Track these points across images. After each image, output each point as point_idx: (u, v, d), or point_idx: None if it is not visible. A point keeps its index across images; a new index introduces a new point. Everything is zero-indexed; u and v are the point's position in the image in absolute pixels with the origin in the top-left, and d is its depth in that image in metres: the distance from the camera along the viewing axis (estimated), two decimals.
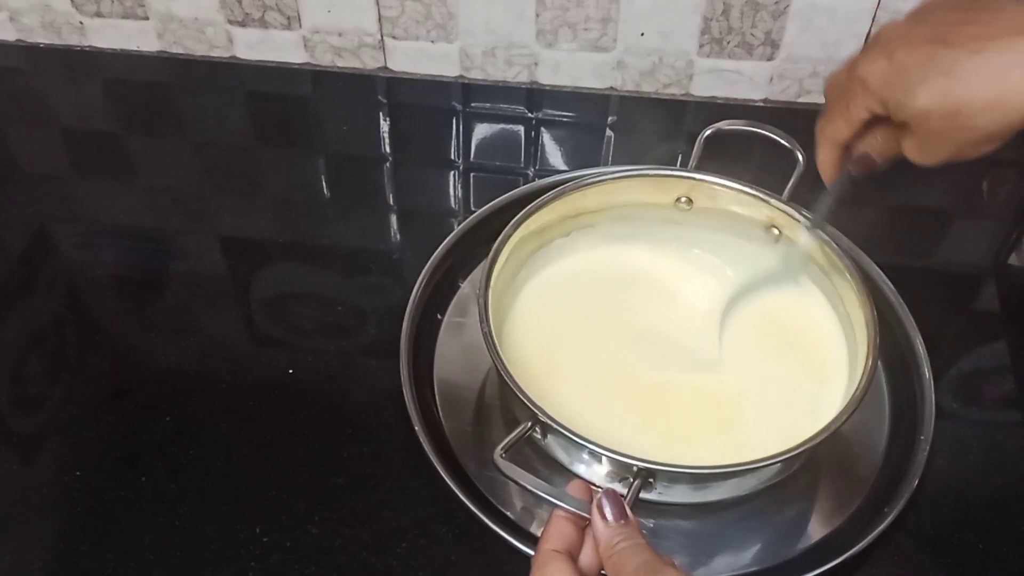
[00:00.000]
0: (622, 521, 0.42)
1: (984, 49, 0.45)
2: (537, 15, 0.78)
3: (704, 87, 0.82)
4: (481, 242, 0.66)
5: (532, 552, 0.51)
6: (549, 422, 0.50)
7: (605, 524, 0.42)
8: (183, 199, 0.76)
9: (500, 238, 0.59)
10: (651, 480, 0.50)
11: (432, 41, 0.82)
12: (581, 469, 0.54)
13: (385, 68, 0.85)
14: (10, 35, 0.88)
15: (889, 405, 0.61)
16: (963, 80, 0.45)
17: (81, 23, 0.86)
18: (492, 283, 0.57)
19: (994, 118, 0.45)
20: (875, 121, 0.50)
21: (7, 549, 0.54)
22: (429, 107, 0.84)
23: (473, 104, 0.84)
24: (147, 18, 0.85)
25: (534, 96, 0.84)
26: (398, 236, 0.74)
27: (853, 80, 0.49)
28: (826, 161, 0.54)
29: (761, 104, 0.83)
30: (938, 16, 0.47)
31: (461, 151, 0.80)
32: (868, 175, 0.53)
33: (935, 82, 0.46)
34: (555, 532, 0.43)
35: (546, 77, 0.84)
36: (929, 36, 0.46)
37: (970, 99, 0.45)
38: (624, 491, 0.48)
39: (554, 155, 0.79)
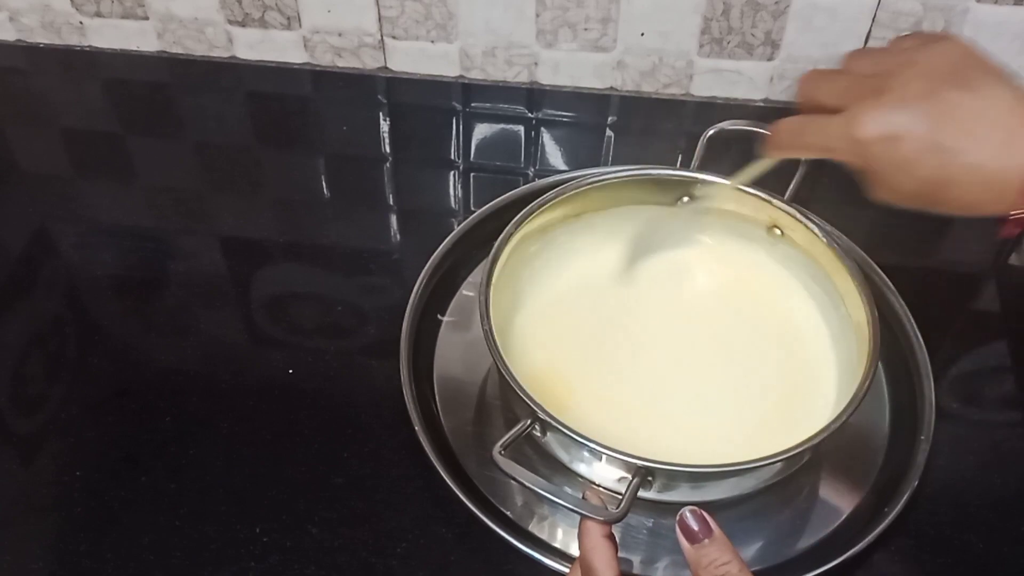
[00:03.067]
0: (707, 539, 0.43)
1: (976, 149, 0.45)
2: (537, 15, 0.78)
3: (704, 87, 0.82)
4: (481, 242, 0.66)
5: (532, 552, 0.52)
6: (548, 419, 0.50)
7: (696, 545, 0.43)
8: (183, 199, 0.76)
9: (502, 236, 0.59)
10: (650, 479, 0.50)
11: (432, 41, 0.82)
12: (581, 467, 0.54)
13: (385, 68, 0.86)
14: (10, 35, 0.88)
15: (889, 405, 0.61)
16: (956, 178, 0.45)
17: (81, 23, 0.86)
18: (493, 281, 0.57)
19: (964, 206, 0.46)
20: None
21: (7, 549, 0.54)
22: (429, 107, 0.84)
23: (473, 104, 0.84)
24: (147, 18, 0.85)
25: (534, 96, 0.84)
26: (398, 236, 0.74)
27: (846, 136, 0.47)
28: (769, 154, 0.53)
29: (761, 104, 0.83)
30: (940, 87, 0.46)
31: (461, 151, 0.80)
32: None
33: (930, 174, 0.46)
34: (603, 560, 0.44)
35: (546, 77, 0.84)
36: (933, 117, 0.46)
37: (954, 196, 0.46)
38: (623, 489, 0.48)
39: (554, 155, 0.79)
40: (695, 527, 0.43)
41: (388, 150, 0.81)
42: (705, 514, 0.44)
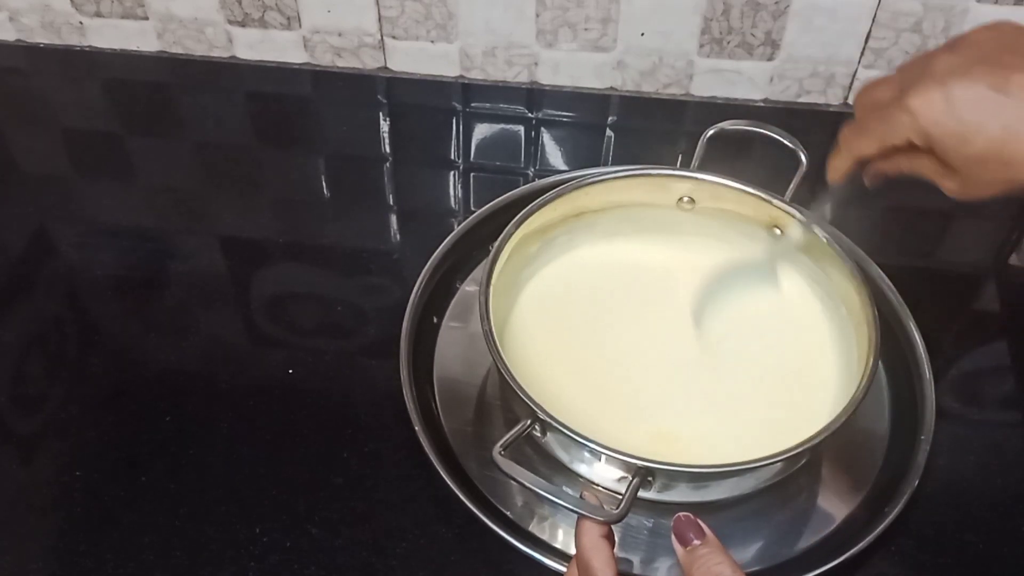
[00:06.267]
0: (699, 541, 0.43)
1: None
2: (537, 15, 0.78)
3: (704, 87, 0.82)
4: (481, 242, 0.66)
5: (532, 552, 0.52)
6: (548, 420, 0.50)
7: (688, 548, 0.43)
8: (183, 199, 0.76)
9: (502, 236, 0.59)
10: (650, 479, 0.50)
11: (432, 41, 0.82)
12: (581, 467, 0.54)
13: (385, 68, 0.86)
14: (10, 35, 0.88)
15: (889, 405, 0.61)
16: (1022, 133, 0.45)
17: (81, 23, 0.86)
18: (493, 281, 0.57)
19: None
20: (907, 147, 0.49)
21: (7, 549, 0.54)
22: (429, 107, 0.84)
23: (473, 104, 0.84)
24: (147, 18, 0.85)
25: (534, 96, 0.84)
26: (398, 236, 0.74)
27: (901, 108, 0.47)
28: (839, 168, 0.53)
29: (761, 104, 0.83)
30: (991, 54, 0.46)
31: (461, 151, 0.80)
32: (880, 185, 0.53)
33: (993, 131, 0.45)
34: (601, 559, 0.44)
35: (546, 77, 0.84)
36: (987, 77, 0.45)
37: None
38: (622, 489, 0.48)
39: (554, 155, 0.79)
40: (687, 531, 0.43)
41: (388, 150, 0.81)
42: (698, 520, 0.44)
